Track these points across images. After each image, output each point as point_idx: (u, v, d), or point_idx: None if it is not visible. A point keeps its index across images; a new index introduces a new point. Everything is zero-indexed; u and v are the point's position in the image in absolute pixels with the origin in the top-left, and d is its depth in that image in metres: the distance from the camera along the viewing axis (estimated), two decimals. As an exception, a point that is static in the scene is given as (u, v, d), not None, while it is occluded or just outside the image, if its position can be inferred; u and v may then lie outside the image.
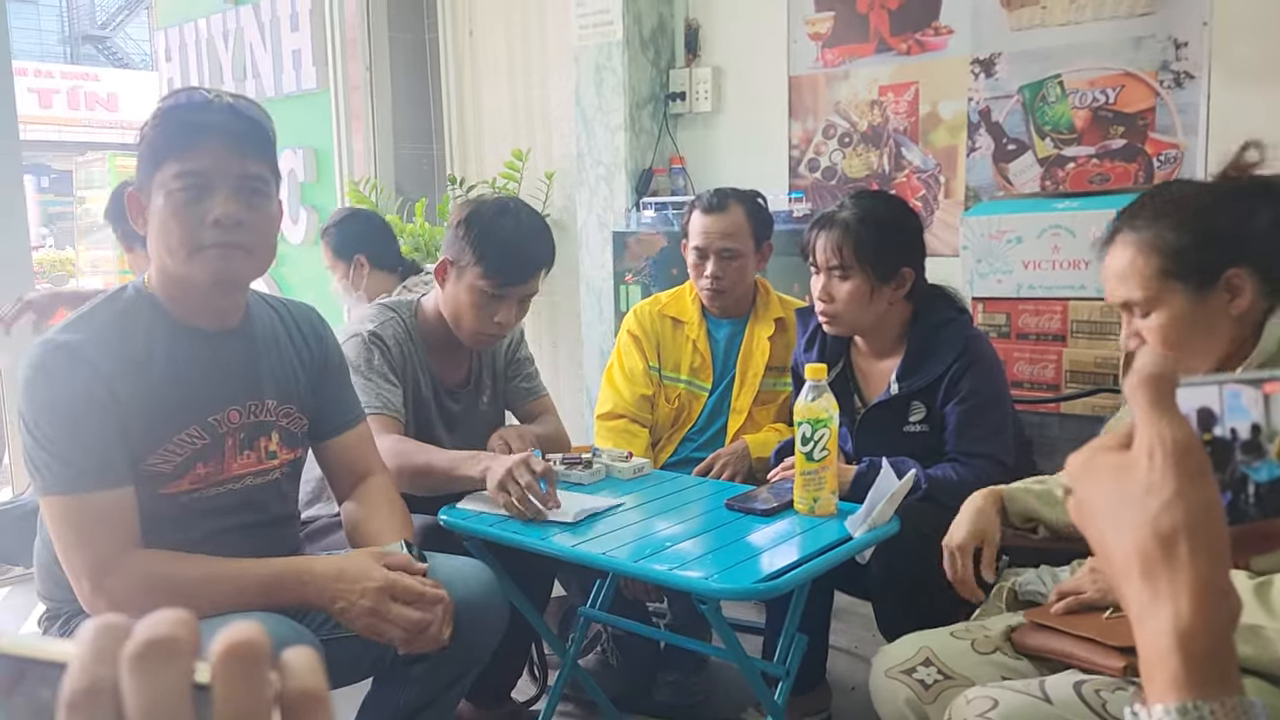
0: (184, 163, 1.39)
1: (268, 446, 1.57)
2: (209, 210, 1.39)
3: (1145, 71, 2.61)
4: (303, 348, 1.65)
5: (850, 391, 2.07)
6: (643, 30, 3.44)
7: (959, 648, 1.42)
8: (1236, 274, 1.29)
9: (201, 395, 1.48)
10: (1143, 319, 1.34)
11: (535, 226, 2.02)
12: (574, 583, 2.24)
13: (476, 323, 1.98)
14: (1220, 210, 1.31)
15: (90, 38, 20.14)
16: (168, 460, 1.45)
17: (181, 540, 1.44)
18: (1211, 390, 0.55)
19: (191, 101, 1.43)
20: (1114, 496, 0.52)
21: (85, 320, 1.42)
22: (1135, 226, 1.34)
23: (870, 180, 3.12)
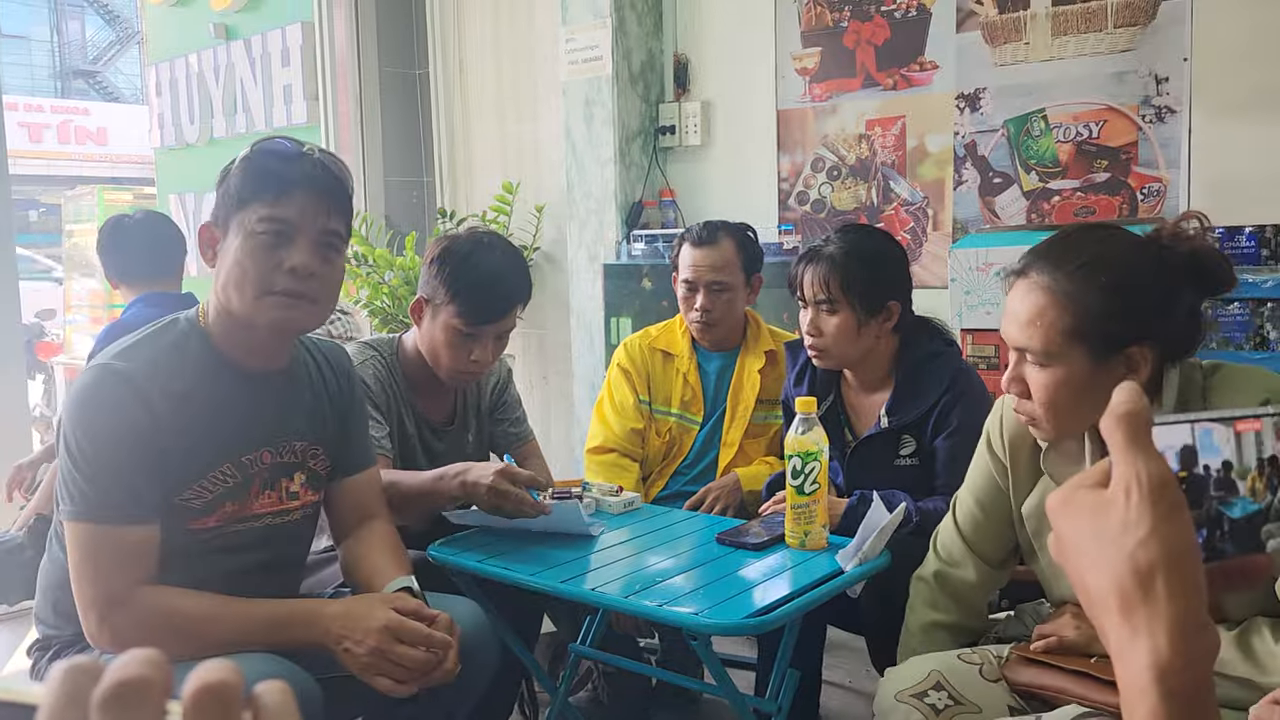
0: (271, 208, 1.42)
1: (289, 487, 1.58)
2: (286, 258, 1.43)
3: (1127, 106, 2.65)
4: (335, 389, 1.66)
5: (841, 425, 2.08)
6: (632, 65, 3.47)
7: (968, 673, 1.40)
8: (1140, 351, 1.25)
9: (240, 433, 1.49)
10: (1033, 368, 1.30)
11: (509, 262, 2.00)
12: (564, 619, 2.23)
13: (453, 360, 1.98)
14: (1147, 287, 1.26)
15: (81, 72, 20.22)
16: (200, 496, 1.46)
17: (194, 577, 1.44)
18: (1184, 429, 0.56)
19: (285, 150, 1.47)
20: (1092, 534, 0.52)
21: (138, 349, 1.44)
22: (1055, 274, 1.27)
23: (859, 213, 3.15)
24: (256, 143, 1.49)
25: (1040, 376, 1.29)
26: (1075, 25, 2.71)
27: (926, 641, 1.50)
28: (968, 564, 1.56)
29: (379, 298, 3.76)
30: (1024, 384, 1.31)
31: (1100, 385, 1.25)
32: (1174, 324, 1.27)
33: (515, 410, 2.26)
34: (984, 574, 1.56)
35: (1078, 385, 1.26)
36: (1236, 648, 1.22)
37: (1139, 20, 2.61)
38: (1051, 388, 1.28)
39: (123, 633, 1.36)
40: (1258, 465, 0.55)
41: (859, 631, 1.99)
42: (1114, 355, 1.25)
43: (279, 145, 1.49)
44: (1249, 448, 0.55)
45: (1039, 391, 1.29)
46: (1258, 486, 0.55)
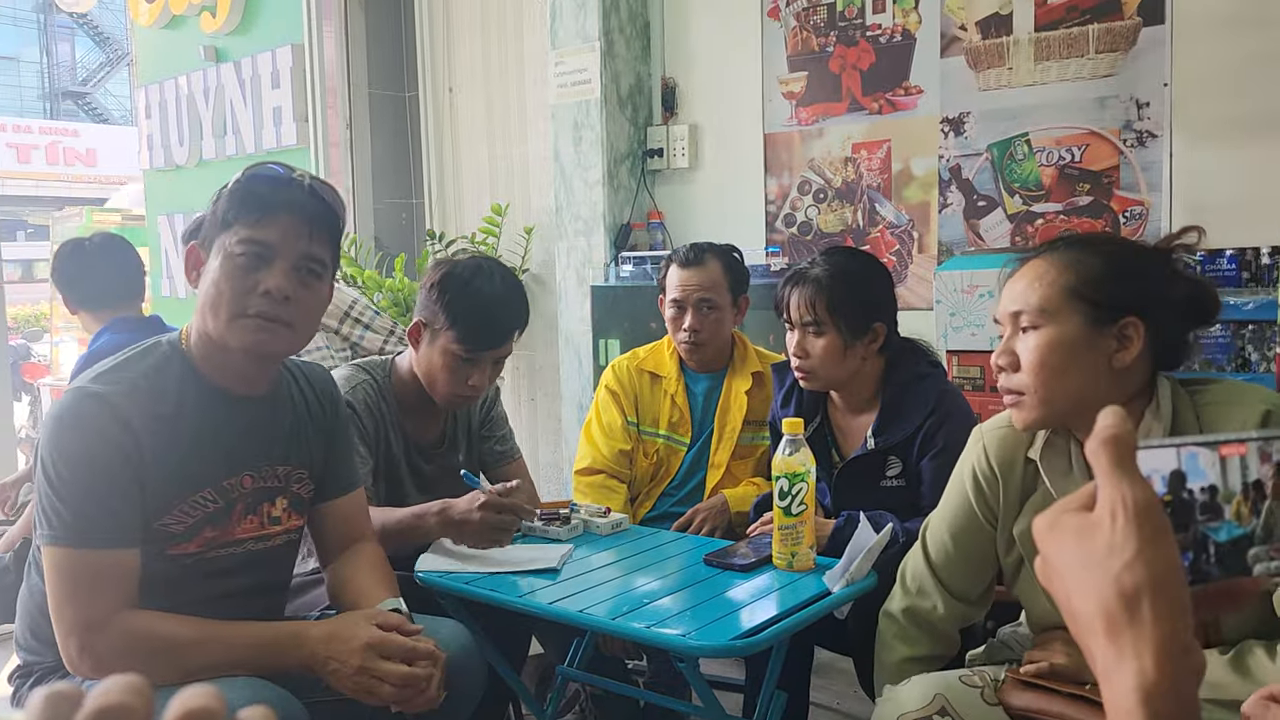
0: (251, 230, 1.42)
1: (271, 512, 1.57)
2: (262, 280, 1.42)
3: (1109, 130, 2.68)
4: (318, 413, 1.65)
5: (827, 446, 2.08)
6: (620, 89, 3.50)
7: (971, 696, 1.39)
8: (1134, 324, 1.26)
9: (222, 458, 1.48)
10: (1027, 334, 1.31)
11: (509, 288, 2.01)
12: (552, 641, 2.22)
13: (450, 385, 1.97)
14: (1144, 262, 1.31)
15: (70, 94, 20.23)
16: (180, 521, 1.45)
17: (175, 601, 1.43)
18: (1169, 453, 0.56)
19: (274, 175, 1.48)
20: (1078, 557, 0.53)
21: (119, 372, 1.43)
22: (1059, 250, 1.33)
23: (845, 235, 3.17)
24: (250, 167, 1.50)
25: (1032, 339, 1.30)
26: (1057, 51, 2.74)
27: (902, 677, 1.50)
28: (937, 597, 1.54)
29: (367, 319, 3.75)
30: (1013, 355, 1.32)
31: (1091, 356, 1.27)
32: (1167, 304, 1.28)
33: (502, 428, 2.26)
34: (954, 607, 1.54)
35: (1070, 348, 1.27)
36: (1233, 671, 1.22)
37: (1120, 46, 2.64)
38: (1044, 349, 1.28)
39: (103, 659, 1.34)
40: (1243, 490, 0.55)
41: (846, 653, 1.99)
42: (1109, 324, 1.27)
43: (270, 170, 1.49)
44: (1234, 472, 0.55)
45: (1031, 355, 1.29)
46: (1243, 511, 0.55)
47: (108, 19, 19.17)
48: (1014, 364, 1.32)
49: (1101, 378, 1.28)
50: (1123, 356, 1.27)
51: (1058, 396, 1.30)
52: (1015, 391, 1.33)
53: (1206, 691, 1.19)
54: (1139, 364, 1.29)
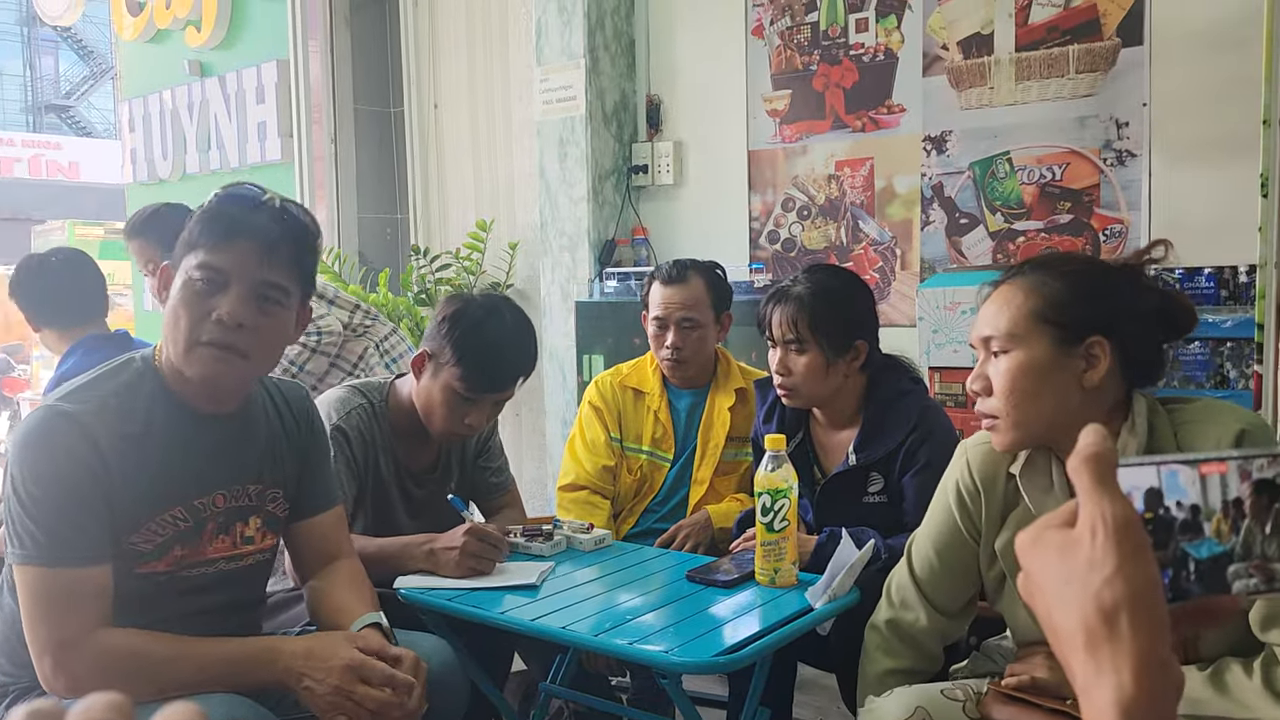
0: (210, 254, 1.40)
1: (244, 532, 1.55)
2: (216, 306, 1.40)
3: (1089, 149, 2.71)
4: (293, 431, 1.64)
5: (810, 462, 2.09)
6: (605, 105, 3.51)
7: (952, 710, 1.40)
8: (1099, 343, 1.29)
9: (192, 477, 1.47)
10: (998, 359, 1.33)
11: (519, 334, 1.98)
12: (535, 657, 2.21)
13: (446, 422, 1.96)
14: (1109, 281, 1.33)
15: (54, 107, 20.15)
16: (149, 540, 1.43)
17: (148, 619, 1.41)
18: (1150, 470, 0.57)
19: (242, 197, 1.46)
20: (1059, 572, 0.53)
21: (88, 390, 1.41)
22: (1022, 273, 1.36)
23: (829, 252, 3.19)
24: (225, 186, 1.48)
25: (1002, 363, 1.33)
26: (1038, 71, 2.78)
27: (884, 689, 1.50)
28: (920, 610, 1.55)
29: (351, 334, 3.74)
30: (986, 379, 1.35)
31: (1060, 377, 1.30)
32: (1133, 320, 1.31)
33: (498, 459, 2.25)
34: (937, 621, 1.55)
35: (1039, 371, 1.30)
36: (1211, 687, 1.22)
37: (1099, 66, 2.68)
38: (1014, 372, 1.31)
39: (79, 677, 1.33)
40: (1223, 507, 0.56)
41: (829, 668, 1.99)
42: (1075, 344, 1.30)
43: (241, 191, 1.47)
44: (1214, 490, 0.56)
45: (1001, 379, 1.33)
46: (1223, 528, 0.55)
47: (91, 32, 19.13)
48: (987, 388, 1.35)
49: (1072, 397, 1.31)
50: (1091, 376, 1.30)
51: (1031, 418, 1.33)
52: (990, 415, 1.36)
53: (1185, 708, 1.20)
54: (1110, 381, 1.31)
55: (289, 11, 4.44)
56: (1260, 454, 0.56)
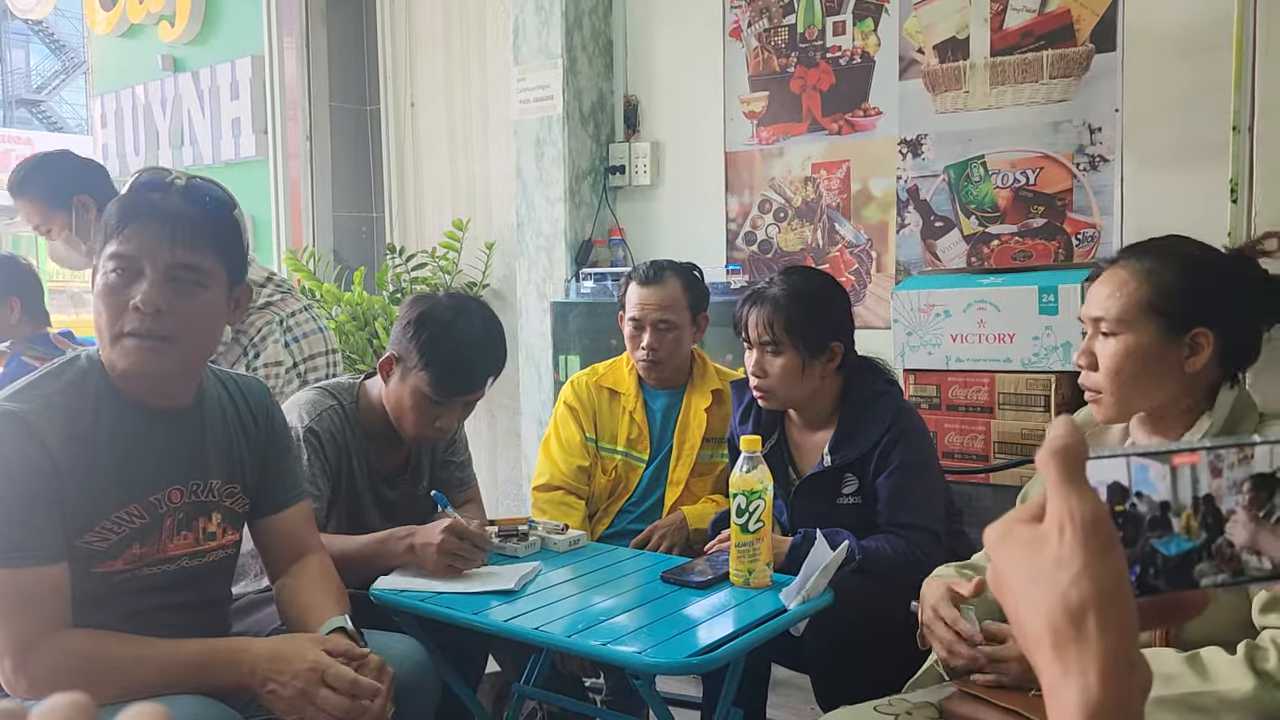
0: (119, 244, 1.37)
1: (206, 528, 1.53)
2: (132, 295, 1.37)
3: (1063, 154, 2.73)
4: (250, 426, 1.61)
5: (785, 463, 2.09)
6: (582, 105, 3.51)
7: None
8: (1204, 334, 1.35)
9: (145, 474, 1.44)
10: (1106, 339, 1.39)
11: (488, 334, 1.96)
12: (508, 658, 2.20)
13: (417, 426, 1.94)
14: (1218, 274, 1.38)
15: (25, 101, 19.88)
16: (104, 539, 1.41)
17: (108, 619, 1.39)
18: (1120, 463, 0.55)
19: (151, 182, 1.42)
20: (1026, 570, 0.52)
21: (33, 389, 1.38)
22: (1139, 258, 1.41)
23: (805, 254, 3.20)
24: (137, 173, 1.44)
25: (1109, 345, 1.38)
26: (1013, 76, 2.79)
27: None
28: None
29: (325, 333, 3.72)
30: (1092, 356, 1.41)
31: (1163, 363, 1.36)
32: (1237, 315, 1.37)
33: (463, 453, 2.24)
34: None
35: (1143, 357, 1.36)
36: (1186, 664, 1.24)
37: (1073, 72, 2.70)
38: (1120, 355, 1.37)
39: (39, 679, 1.31)
40: (1193, 504, 0.55)
41: (803, 669, 1.99)
42: (1180, 334, 1.35)
43: (149, 177, 1.43)
44: (1184, 484, 0.55)
45: (1107, 360, 1.38)
46: (1192, 525, 0.55)
47: (64, 26, 18.88)
48: (1092, 364, 1.41)
49: (1172, 382, 1.38)
50: (1193, 363, 1.36)
51: (1132, 398, 1.39)
52: (1095, 390, 1.42)
53: (1158, 686, 1.21)
54: (1208, 368, 1.37)
55: (264, 7, 4.41)
56: (1230, 444, 0.55)
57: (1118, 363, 1.38)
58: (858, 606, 1.75)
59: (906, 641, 1.66)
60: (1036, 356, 2.39)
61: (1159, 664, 1.23)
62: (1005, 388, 2.43)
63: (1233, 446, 0.55)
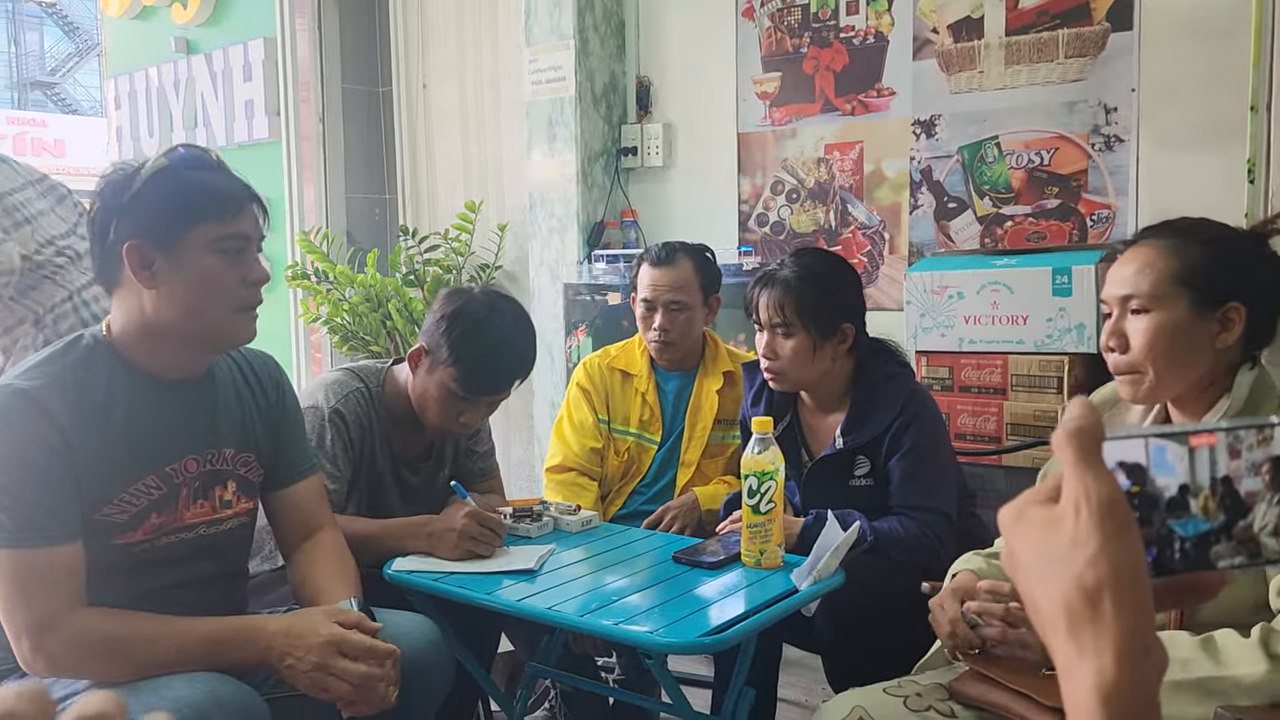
0: (230, 226, 1.44)
1: (222, 496, 1.55)
2: (247, 271, 1.46)
3: (1078, 134, 2.71)
4: (261, 396, 1.64)
5: (797, 445, 2.10)
6: (595, 87, 3.50)
7: (892, 705, 1.42)
8: (1236, 309, 1.34)
9: (160, 445, 1.47)
10: (1137, 316, 1.37)
11: (519, 336, 1.96)
12: (521, 638, 2.22)
13: (440, 419, 1.95)
14: (1245, 247, 1.38)
15: (39, 84, 19.93)
16: (123, 510, 1.43)
17: (132, 593, 1.42)
18: (1138, 444, 0.55)
19: (212, 164, 1.49)
20: (1041, 551, 0.52)
21: (41, 368, 1.40)
22: (1163, 235, 1.40)
23: (817, 235, 3.19)
24: (168, 154, 1.46)
25: (1142, 323, 1.37)
26: (1027, 55, 2.77)
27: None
28: None
29: (339, 315, 3.73)
30: (1123, 337, 1.39)
31: (1197, 339, 1.35)
32: (1266, 288, 1.36)
33: (486, 443, 2.24)
34: None
35: (1178, 333, 1.35)
36: (1200, 648, 1.23)
37: (1089, 51, 2.67)
38: (1153, 332, 1.36)
39: (58, 658, 1.33)
40: (1210, 485, 0.54)
41: (814, 649, 2.00)
42: (1212, 309, 1.35)
43: (200, 158, 1.48)
44: (1203, 464, 0.54)
45: (1139, 337, 1.37)
46: (1210, 506, 0.54)
47: (77, 8, 18.90)
48: (1123, 345, 1.39)
49: (1205, 359, 1.36)
50: (1225, 339, 1.35)
51: (1169, 376, 1.37)
52: (1130, 370, 1.40)
53: (1173, 670, 1.21)
54: (1237, 345, 1.37)
55: (276, -11, 4.40)
56: (1248, 424, 0.55)
57: (1151, 339, 1.36)
58: (869, 588, 1.75)
59: (918, 623, 1.67)
60: (1050, 338, 2.38)
61: (1173, 648, 1.23)
62: (1018, 369, 2.43)
63: (1251, 427, 0.55)
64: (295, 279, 3.84)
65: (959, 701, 1.42)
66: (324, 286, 3.77)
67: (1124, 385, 1.42)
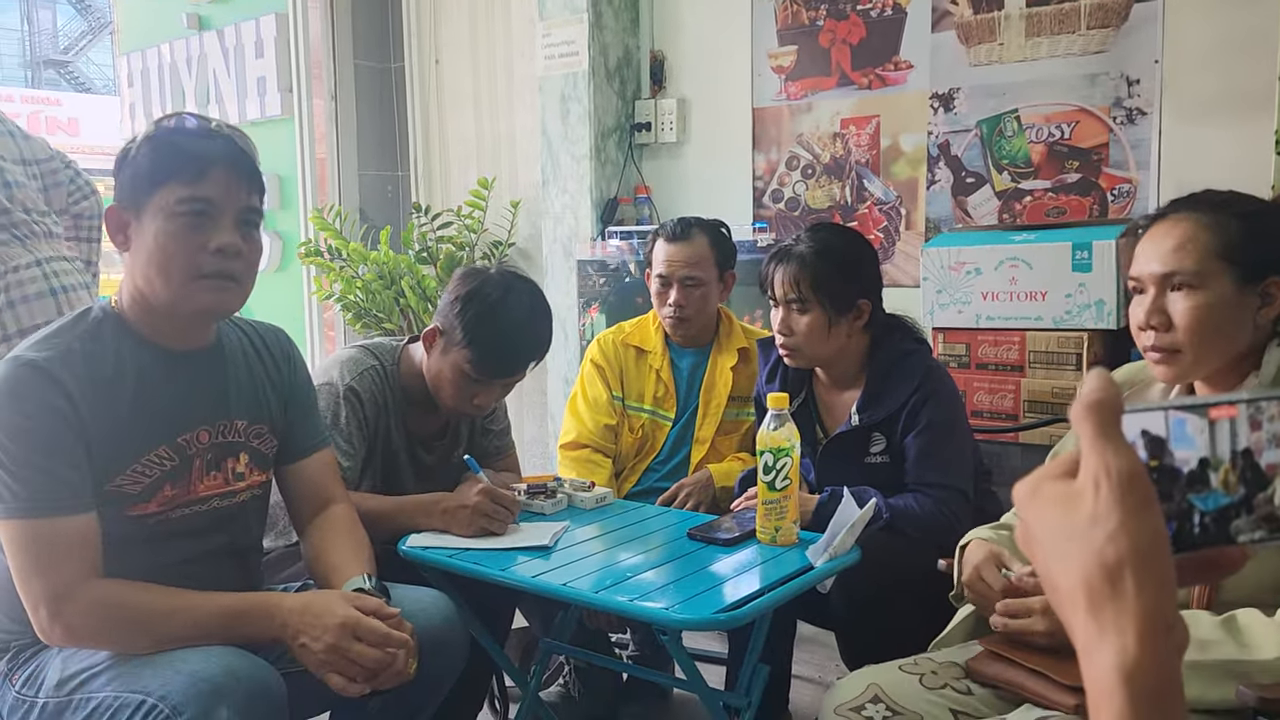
0: (191, 189, 1.40)
1: (235, 468, 1.56)
2: (210, 238, 1.41)
3: (1099, 107, 2.67)
4: (273, 368, 1.64)
5: (812, 422, 2.08)
6: (608, 61, 3.46)
7: (908, 683, 1.41)
8: (1277, 283, 1.32)
9: (172, 415, 1.47)
10: (1180, 293, 1.34)
11: (535, 316, 1.95)
12: (536, 614, 2.22)
13: (454, 400, 1.95)
14: (1277, 218, 1.36)
15: (52, 62, 19.96)
16: (136, 481, 1.43)
17: (145, 566, 1.42)
18: (1158, 416, 0.54)
19: (195, 128, 1.45)
20: (1059, 527, 0.51)
21: (50, 340, 1.41)
22: (1195, 209, 1.36)
23: (833, 211, 3.16)
24: (161, 120, 1.46)
25: (1187, 300, 1.33)
26: (1049, 26, 2.73)
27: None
28: None
29: (352, 292, 3.73)
30: (1165, 315, 1.35)
31: (1240, 315, 1.33)
32: None
33: (502, 421, 2.24)
34: None
35: (1223, 309, 1.32)
36: (1223, 629, 1.22)
37: (1111, 22, 2.63)
38: (1200, 309, 1.32)
39: (76, 628, 1.34)
40: (1231, 458, 0.53)
41: (829, 626, 1.99)
42: (1254, 284, 1.32)
43: (188, 122, 1.46)
44: (1223, 437, 0.53)
45: (1185, 316, 1.33)
46: (1230, 479, 0.53)
47: (90, -14, 18.89)
48: (1165, 324, 1.35)
49: (1246, 335, 1.34)
50: (1266, 313, 1.33)
51: (1209, 354, 1.35)
52: (1168, 349, 1.36)
53: (1192, 651, 1.19)
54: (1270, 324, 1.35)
55: (287, -36, 4.38)
56: (1268, 396, 0.54)
57: (1199, 317, 1.32)
58: (885, 565, 1.74)
59: (933, 600, 1.66)
60: (1069, 314, 2.36)
61: (1195, 628, 1.21)
62: (1036, 346, 2.40)
63: (1273, 399, 0.53)
64: (308, 256, 3.83)
65: (975, 680, 1.42)
66: (337, 264, 3.76)
67: (1159, 365, 1.38)
